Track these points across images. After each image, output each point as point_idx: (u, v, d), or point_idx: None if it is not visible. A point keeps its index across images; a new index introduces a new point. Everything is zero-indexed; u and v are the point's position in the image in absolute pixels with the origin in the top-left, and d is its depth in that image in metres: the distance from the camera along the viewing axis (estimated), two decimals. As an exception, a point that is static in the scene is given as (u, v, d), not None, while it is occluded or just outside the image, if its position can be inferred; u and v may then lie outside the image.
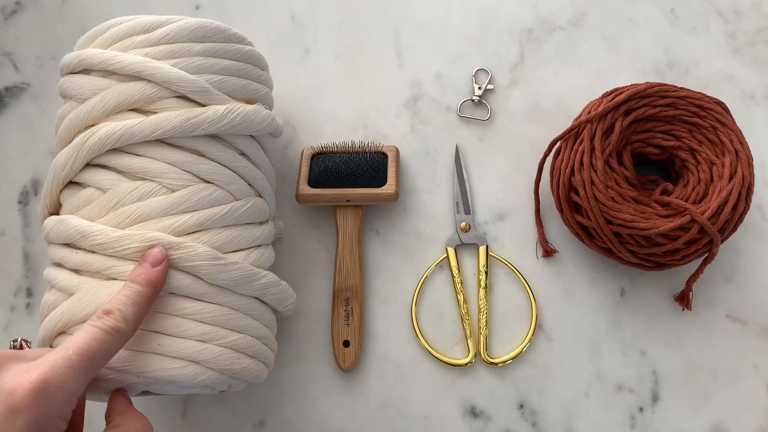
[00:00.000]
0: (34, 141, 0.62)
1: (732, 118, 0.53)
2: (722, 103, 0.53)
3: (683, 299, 0.54)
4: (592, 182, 0.50)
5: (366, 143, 0.58)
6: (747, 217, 0.56)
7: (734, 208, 0.49)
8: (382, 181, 0.56)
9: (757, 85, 0.61)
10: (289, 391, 0.54)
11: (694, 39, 0.63)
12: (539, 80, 0.62)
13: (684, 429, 0.52)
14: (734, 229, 0.50)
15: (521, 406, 0.53)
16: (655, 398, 0.53)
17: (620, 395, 0.53)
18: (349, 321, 0.54)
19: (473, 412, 0.53)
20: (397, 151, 0.58)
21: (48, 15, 0.66)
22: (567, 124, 0.59)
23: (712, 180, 0.51)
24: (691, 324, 0.54)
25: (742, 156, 0.51)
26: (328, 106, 0.62)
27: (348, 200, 0.56)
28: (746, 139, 0.53)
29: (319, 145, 0.58)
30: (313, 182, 0.57)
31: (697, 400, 0.52)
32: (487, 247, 0.56)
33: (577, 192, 0.52)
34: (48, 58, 0.64)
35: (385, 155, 0.58)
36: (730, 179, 0.50)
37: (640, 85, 0.54)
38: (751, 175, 0.51)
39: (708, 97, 0.53)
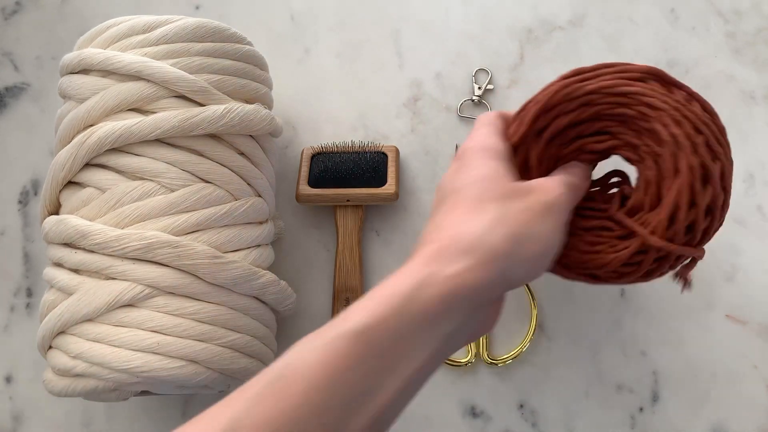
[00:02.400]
0: (34, 141, 0.62)
1: (669, 89, 0.41)
2: (653, 72, 0.41)
3: (682, 277, 0.43)
4: None
5: (366, 143, 0.58)
6: (747, 216, 0.56)
7: (693, 205, 0.39)
8: (382, 181, 0.56)
9: (757, 85, 0.61)
10: (288, 391, 0.54)
11: (694, 39, 0.63)
12: (539, 80, 0.62)
13: (684, 429, 0.52)
14: (716, 219, 0.41)
15: (521, 406, 0.53)
16: (655, 398, 0.52)
17: (620, 395, 0.53)
18: (348, 321, 0.54)
19: (473, 412, 0.53)
20: (397, 151, 0.58)
21: (48, 15, 0.66)
22: (567, 124, 0.59)
23: (662, 177, 0.40)
24: (691, 324, 0.54)
25: (682, 140, 0.39)
26: (328, 106, 0.62)
27: (348, 200, 0.56)
28: (747, 139, 0.51)
29: (319, 145, 0.58)
30: (313, 182, 0.57)
31: (697, 400, 0.52)
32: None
33: None
34: (48, 58, 0.64)
35: (385, 155, 0.58)
36: (676, 174, 0.39)
37: (543, 94, 0.43)
38: (707, 154, 0.39)
39: (628, 75, 0.42)
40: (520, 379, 0.53)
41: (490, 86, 0.62)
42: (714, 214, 0.40)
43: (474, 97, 0.61)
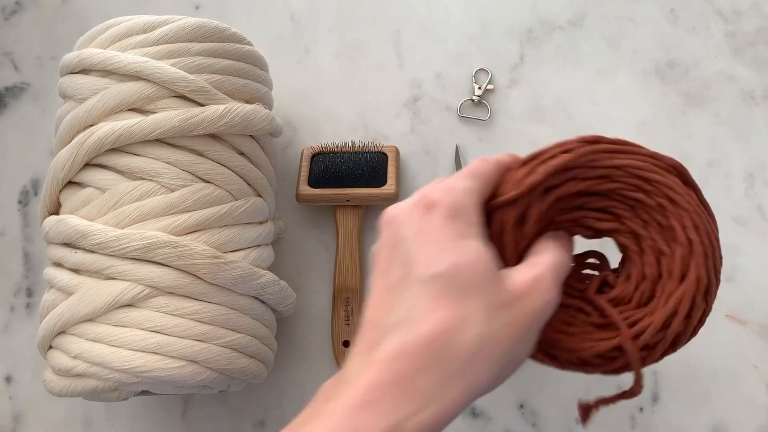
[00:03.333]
0: (34, 141, 0.62)
1: (691, 188, 0.38)
2: (679, 167, 0.38)
3: (584, 413, 0.40)
4: None
5: (366, 143, 0.58)
6: (747, 216, 0.56)
7: (689, 316, 0.36)
8: (382, 181, 0.56)
9: (757, 85, 0.61)
10: (289, 391, 0.54)
11: (694, 39, 0.63)
12: (539, 80, 0.62)
13: (684, 429, 0.52)
14: (694, 334, 0.38)
15: (521, 406, 0.53)
16: (655, 398, 0.52)
17: (620, 395, 0.53)
18: (349, 321, 0.54)
19: (473, 412, 0.53)
20: (397, 151, 0.58)
21: (48, 15, 0.66)
22: (567, 124, 0.59)
23: (660, 276, 0.37)
24: (691, 324, 0.54)
25: (697, 248, 0.36)
26: (328, 106, 0.62)
27: (348, 200, 0.56)
28: (747, 139, 0.51)
29: (319, 145, 0.59)
30: (313, 182, 0.57)
31: (697, 400, 0.52)
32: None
33: None
34: (48, 58, 0.64)
35: (385, 155, 0.58)
36: (682, 279, 0.36)
37: (566, 152, 0.38)
38: (713, 269, 0.37)
39: (658, 161, 0.38)
40: (520, 379, 0.53)
41: (490, 86, 0.62)
42: (696, 328, 0.37)
43: (474, 97, 0.61)
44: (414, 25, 0.65)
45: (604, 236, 0.40)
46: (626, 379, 0.52)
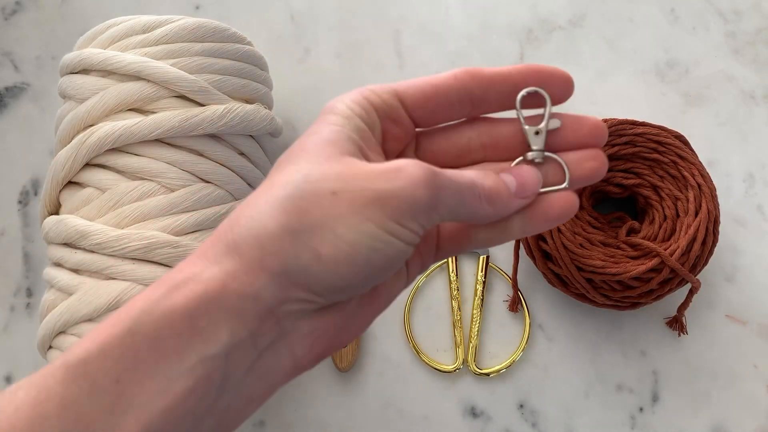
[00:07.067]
0: (34, 141, 0.62)
1: (692, 151, 0.52)
2: (682, 136, 0.52)
3: (676, 324, 0.53)
4: (559, 230, 0.49)
5: (366, 143, 0.58)
6: (747, 216, 0.56)
7: (703, 243, 0.49)
8: (382, 181, 0.56)
9: (757, 85, 0.61)
10: (289, 391, 0.54)
11: (694, 39, 0.63)
12: (539, 80, 0.62)
13: (684, 429, 0.52)
14: (706, 262, 0.50)
15: (521, 406, 0.53)
16: (655, 398, 0.52)
17: (620, 395, 0.53)
18: (348, 321, 0.54)
19: (473, 412, 0.53)
20: (397, 151, 0.58)
21: (48, 15, 0.66)
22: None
23: (678, 216, 0.51)
24: (691, 324, 0.54)
25: (705, 190, 0.50)
26: (328, 106, 0.62)
27: (348, 200, 0.56)
28: (747, 139, 0.52)
29: (319, 145, 0.58)
30: (312, 182, 0.57)
31: (697, 400, 0.52)
32: (487, 258, 0.56)
33: (545, 240, 0.51)
34: (48, 58, 0.64)
35: (384, 155, 0.58)
36: (696, 214, 0.49)
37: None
38: (716, 207, 0.50)
39: (666, 131, 0.52)
40: (520, 379, 0.53)
41: (490, 86, 0.62)
42: (708, 257, 0.50)
43: (474, 97, 0.61)
44: (414, 25, 0.65)
45: (629, 193, 0.53)
46: (626, 379, 0.52)
